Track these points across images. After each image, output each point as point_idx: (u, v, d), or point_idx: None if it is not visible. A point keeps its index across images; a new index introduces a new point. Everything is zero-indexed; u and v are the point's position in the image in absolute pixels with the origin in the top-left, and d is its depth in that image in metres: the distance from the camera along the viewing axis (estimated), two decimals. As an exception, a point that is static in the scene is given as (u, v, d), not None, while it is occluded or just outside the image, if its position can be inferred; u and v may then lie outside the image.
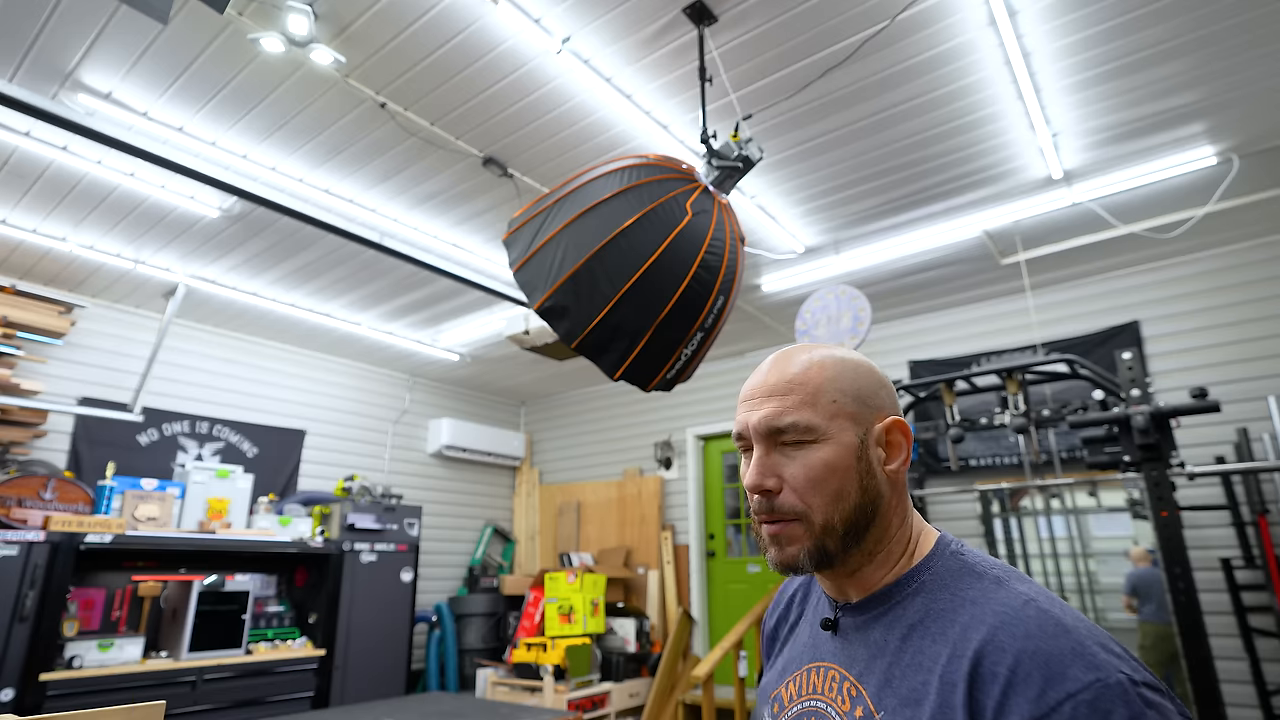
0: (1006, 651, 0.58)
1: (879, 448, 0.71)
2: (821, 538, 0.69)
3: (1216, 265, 3.90)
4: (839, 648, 0.73)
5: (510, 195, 3.36)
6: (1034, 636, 0.57)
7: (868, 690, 0.67)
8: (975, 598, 0.64)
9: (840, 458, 0.69)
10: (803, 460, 0.70)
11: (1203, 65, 2.52)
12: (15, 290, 3.97)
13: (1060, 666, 0.55)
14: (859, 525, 0.70)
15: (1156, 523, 2.68)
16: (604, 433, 6.44)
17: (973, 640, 0.60)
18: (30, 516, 3.58)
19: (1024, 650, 0.57)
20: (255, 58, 2.47)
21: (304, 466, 5.27)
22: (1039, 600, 0.61)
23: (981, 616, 0.62)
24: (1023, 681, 0.56)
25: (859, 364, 0.74)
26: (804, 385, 0.71)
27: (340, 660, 4.34)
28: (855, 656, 0.70)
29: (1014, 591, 0.63)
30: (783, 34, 2.36)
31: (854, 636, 0.72)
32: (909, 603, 0.69)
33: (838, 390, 0.71)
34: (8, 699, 3.13)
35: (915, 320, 4.87)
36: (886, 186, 3.31)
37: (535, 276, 1.90)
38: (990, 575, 0.66)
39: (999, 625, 0.60)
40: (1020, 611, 0.60)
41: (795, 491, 0.70)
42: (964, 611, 0.64)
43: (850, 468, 0.70)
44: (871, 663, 0.68)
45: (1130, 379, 2.84)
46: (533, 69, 2.52)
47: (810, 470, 0.69)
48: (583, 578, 4.93)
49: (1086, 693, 0.53)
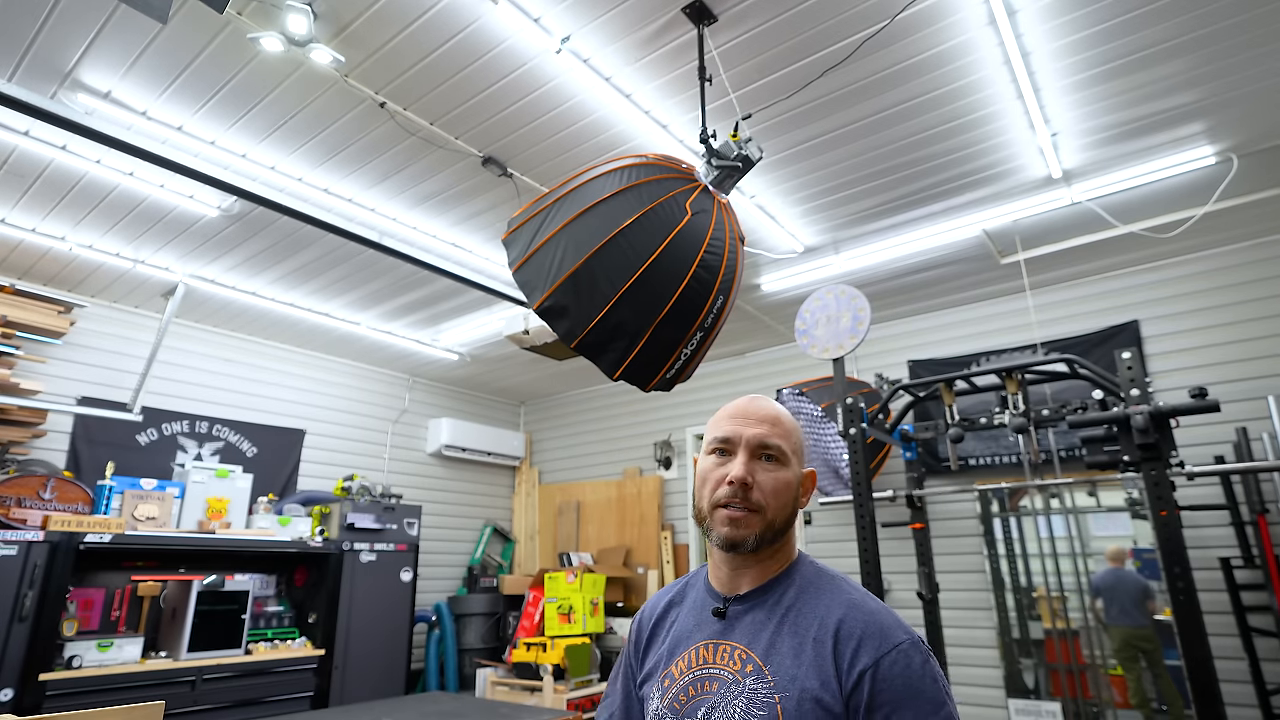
0: (857, 623, 0.91)
1: (800, 486, 1.04)
2: (765, 530, 0.98)
3: (1216, 265, 3.90)
4: (726, 628, 0.99)
5: (509, 195, 3.35)
6: (874, 614, 0.92)
7: (756, 653, 0.94)
8: (830, 591, 0.97)
9: (790, 482, 1.02)
10: (773, 475, 1.00)
11: (1202, 65, 2.52)
12: (14, 290, 3.97)
13: (889, 632, 0.89)
14: (782, 530, 1.01)
15: (1156, 522, 2.68)
16: (603, 432, 6.44)
17: (834, 616, 0.93)
18: (29, 516, 3.58)
19: (869, 622, 0.91)
20: (254, 57, 2.47)
21: (303, 466, 5.27)
22: (868, 595, 0.96)
23: (837, 602, 0.95)
24: (869, 638, 0.89)
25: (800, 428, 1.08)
26: (783, 425, 1.03)
27: (340, 660, 4.34)
28: (743, 633, 0.97)
29: (853, 587, 0.97)
30: (782, 33, 2.36)
31: (740, 620, 0.99)
32: (785, 594, 0.99)
33: (796, 439, 1.05)
34: (7, 699, 3.13)
35: (915, 320, 4.87)
36: (886, 186, 3.31)
37: (535, 276, 1.89)
38: (835, 576, 1.00)
39: (849, 608, 0.93)
40: (860, 601, 0.94)
41: (762, 493, 0.99)
42: (823, 599, 0.96)
43: (791, 489, 1.01)
44: (757, 635, 0.96)
45: (1130, 379, 2.84)
46: (532, 68, 2.52)
47: (777, 483, 1.00)
48: (582, 577, 4.93)
49: (904, 644, 0.88)
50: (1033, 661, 3.96)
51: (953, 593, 4.30)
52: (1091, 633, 3.73)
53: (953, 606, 4.28)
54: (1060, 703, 3.49)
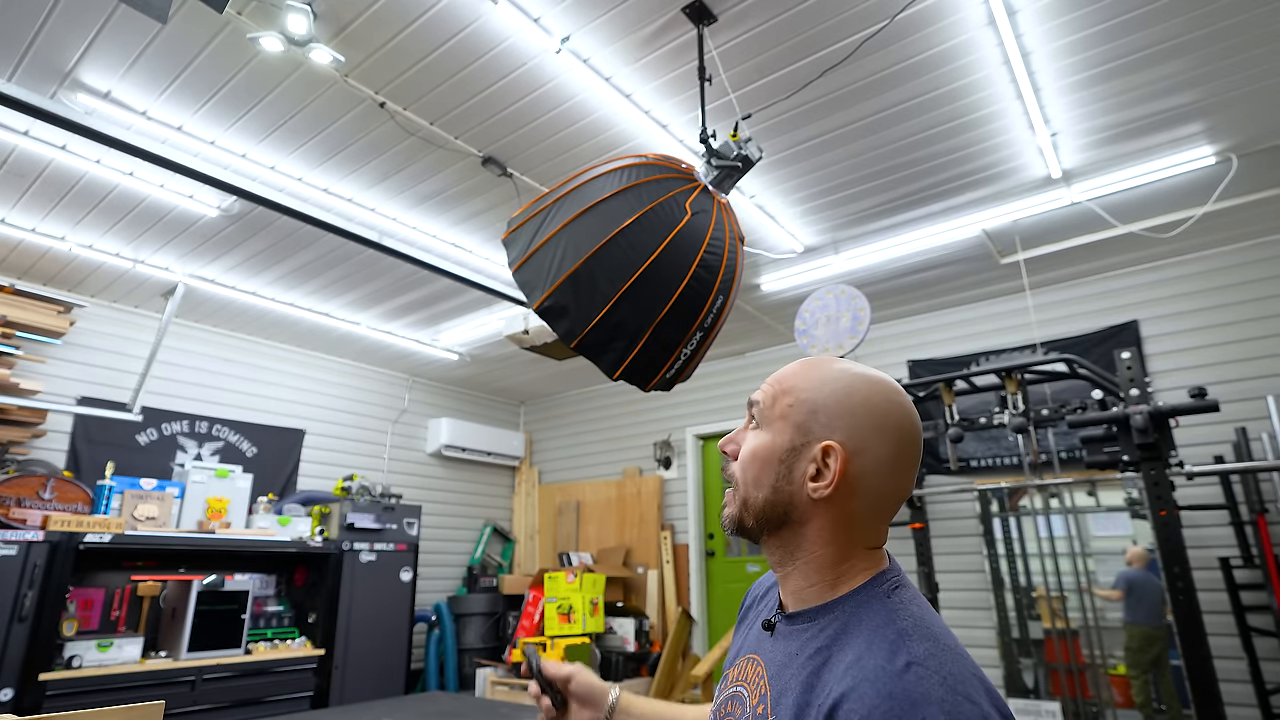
0: (864, 704, 0.59)
1: (810, 463, 0.73)
2: (741, 511, 0.77)
3: (1215, 265, 3.91)
4: (770, 647, 0.77)
5: (509, 194, 3.35)
6: (890, 698, 0.59)
7: (771, 693, 0.71)
8: (870, 645, 0.65)
9: (766, 451, 0.75)
10: (748, 440, 0.78)
11: (1201, 65, 2.52)
12: (14, 290, 3.96)
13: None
14: (768, 519, 0.75)
15: (1155, 522, 2.69)
16: (603, 432, 6.44)
17: (845, 683, 0.62)
18: (29, 516, 3.58)
19: (874, 708, 0.59)
20: (254, 57, 2.47)
21: (303, 466, 5.27)
22: (924, 665, 0.61)
23: (863, 665, 0.63)
24: None
25: (854, 388, 0.74)
26: (786, 382, 0.77)
27: (339, 660, 4.34)
28: (775, 659, 0.75)
29: (905, 648, 0.63)
30: (782, 33, 2.36)
31: (781, 642, 0.76)
32: (826, 629, 0.71)
33: (801, 397, 0.75)
34: (7, 699, 3.13)
35: (914, 320, 4.87)
36: (886, 186, 3.31)
37: (534, 276, 1.89)
38: (898, 627, 0.66)
39: (870, 679, 0.61)
40: (896, 672, 0.61)
41: (737, 462, 0.78)
42: (849, 655, 0.66)
43: (769, 463, 0.75)
44: (782, 670, 0.72)
45: (1129, 378, 2.84)
46: (532, 68, 2.52)
47: (746, 450, 0.77)
48: (582, 577, 4.93)
49: None
50: (1032, 661, 3.96)
51: (952, 592, 4.30)
52: (1091, 632, 3.74)
53: (952, 606, 4.28)
54: (1060, 702, 3.49)
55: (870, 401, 0.73)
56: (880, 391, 0.74)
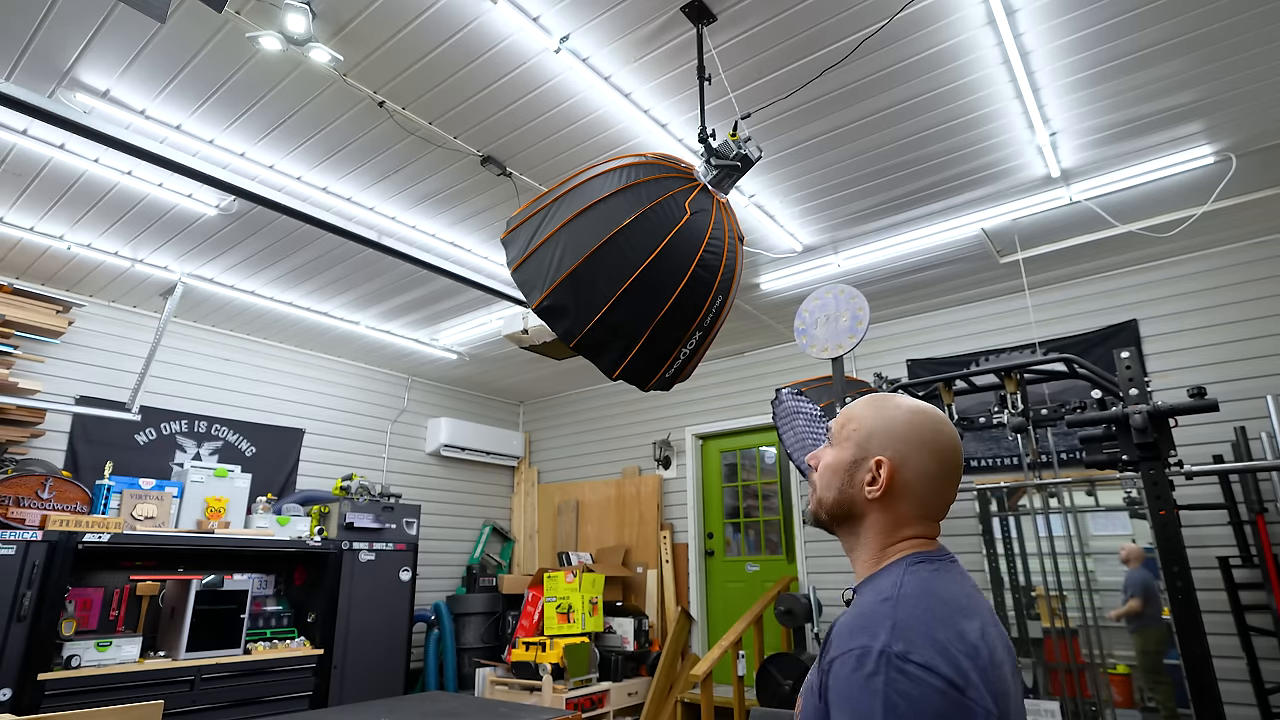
0: (836, 625, 0.84)
1: (866, 473, 0.96)
2: (818, 508, 1.01)
3: (1214, 264, 3.91)
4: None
5: (508, 194, 3.35)
6: (853, 618, 0.82)
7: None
8: (867, 596, 0.87)
9: (835, 463, 0.99)
10: (824, 455, 1.02)
11: (1200, 64, 2.52)
12: (12, 289, 3.96)
13: (846, 636, 0.80)
14: (836, 515, 0.99)
15: (1154, 522, 2.69)
16: (602, 432, 6.44)
17: (839, 620, 0.86)
18: (28, 516, 3.57)
19: (841, 624, 0.83)
20: (253, 56, 2.46)
21: (302, 466, 5.27)
22: (892, 602, 0.82)
23: (855, 606, 0.86)
24: (830, 644, 0.83)
25: (901, 417, 0.97)
26: (852, 412, 1.01)
27: (339, 659, 4.34)
28: None
29: (884, 598, 0.83)
30: (781, 33, 2.36)
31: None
32: (861, 592, 0.91)
33: (862, 424, 0.98)
34: (6, 698, 3.13)
35: (914, 319, 4.87)
36: (885, 185, 3.31)
37: (533, 275, 1.89)
38: (896, 585, 0.85)
39: (847, 615, 0.84)
40: (869, 605, 0.83)
41: (817, 472, 1.02)
42: (858, 603, 0.87)
43: (837, 473, 0.99)
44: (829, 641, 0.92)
45: (1128, 378, 2.84)
46: (531, 67, 2.52)
47: (823, 463, 1.01)
48: (581, 577, 4.93)
49: (851, 654, 0.77)
50: (1031, 661, 3.96)
51: (951, 592, 4.29)
52: (1090, 632, 3.74)
53: (951, 606, 4.27)
54: (1059, 702, 3.49)
55: (914, 426, 0.96)
56: (924, 420, 0.96)
